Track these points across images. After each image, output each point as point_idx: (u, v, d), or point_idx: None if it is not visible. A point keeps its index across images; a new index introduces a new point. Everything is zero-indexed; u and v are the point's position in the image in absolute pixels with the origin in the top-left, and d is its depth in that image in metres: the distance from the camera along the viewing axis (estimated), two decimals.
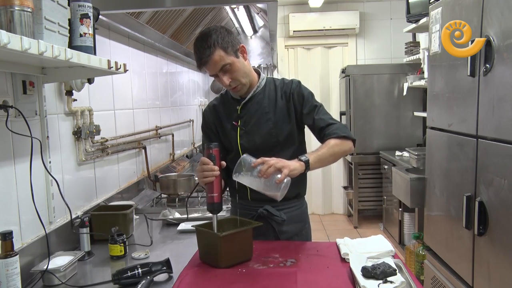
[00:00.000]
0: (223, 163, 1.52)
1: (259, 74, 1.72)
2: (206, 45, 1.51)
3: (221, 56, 1.53)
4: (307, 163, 1.51)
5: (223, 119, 1.71)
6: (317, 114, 1.65)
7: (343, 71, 4.84)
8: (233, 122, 1.68)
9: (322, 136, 1.64)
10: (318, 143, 1.65)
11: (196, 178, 2.56)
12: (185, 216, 2.13)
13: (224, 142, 1.71)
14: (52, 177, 1.57)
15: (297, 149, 1.69)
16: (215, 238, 1.44)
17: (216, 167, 1.48)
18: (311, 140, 1.79)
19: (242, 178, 1.47)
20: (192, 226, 1.49)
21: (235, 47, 1.57)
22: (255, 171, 1.43)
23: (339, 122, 1.68)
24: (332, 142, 1.58)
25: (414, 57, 4.18)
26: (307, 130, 1.73)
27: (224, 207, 1.91)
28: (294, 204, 1.72)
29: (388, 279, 1.26)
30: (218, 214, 1.51)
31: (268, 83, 1.72)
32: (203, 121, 1.78)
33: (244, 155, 1.49)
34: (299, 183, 1.69)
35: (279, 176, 1.42)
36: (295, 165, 1.47)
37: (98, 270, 1.56)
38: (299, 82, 1.73)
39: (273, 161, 1.43)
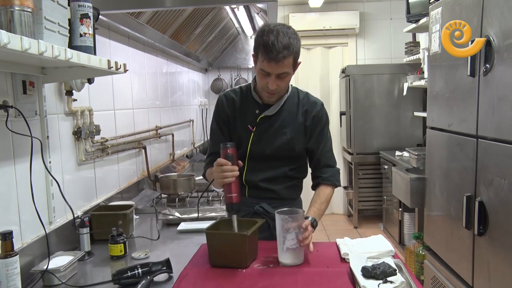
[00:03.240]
0: (240, 162, 1.52)
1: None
2: (285, 45, 1.48)
3: (289, 63, 1.52)
4: (315, 228, 1.57)
5: (238, 117, 1.69)
6: (324, 147, 1.71)
7: (343, 71, 4.84)
8: (249, 126, 1.66)
9: (317, 174, 1.73)
10: None
11: (197, 178, 2.58)
12: (185, 216, 2.14)
13: (233, 137, 1.70)
14: (53, 177, 1.57)
15: (301, 165, 1.75)
16: (240, 238, 1.43)
17: (236, 167, 1.48)
18: None
19: (279, 221, 1.45)
20: (205, 230, 1.49)
21: (298, 61, 1.58)
22: (294, 231, 1.43)
23: (335, 163, 1.76)
24: (329, 194, 1.70)
25: (414, 57, 4.18)
26: None
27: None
28: (290, 203, 1.73)
29: (388, 279, 1.26)
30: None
31: (292, 94, 1.70)
32: (217, 109, 1.75)
33: (302, 213, 1.51)
34: (296, 188, 1.78)
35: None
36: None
37: (98, 270, 1.56)
38: (322, 105, 1.73)
39: (310, 231, 1.47)
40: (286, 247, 1.44)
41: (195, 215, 2.18)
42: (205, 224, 1.67)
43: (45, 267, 1.37)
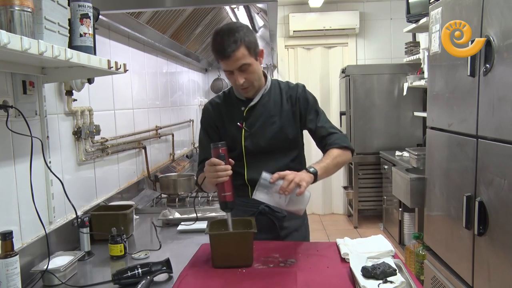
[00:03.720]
0: (232, 161, 1.52)
1: (265, 77, 1.73)
2: (232, 40, 1.51)
3: (244, 54, 1.54)
4: (315, 174, 1.52)
5: (226, 119, 1.72)
6: (320, 121, 1.71)
7: (343, 71, 4.84)
8: (238, 123, 1.68)
9: (323, 145, 1.70)
10: (318, 148, 1.73)
11: (195, 178, 2.58)
12: (185, 216, 2.14)
13: (225, 141, 1.70)
14: (56, 176, 1.56)
15: (299, 154, 1.75)
16: (247, 235, 1.45)
17: (229, 166, 1.48)
18: (311, 145, 1.81)
19: (262, 197, 1.45)
20: (206, 233, 1.48)
21: (256, 49, 1.59)
22: (275, 188, 1.42)
23: (340, 131, 1.74)
24: (335, 152, 1.65)
25: (414, 57, 4.18)
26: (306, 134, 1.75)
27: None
28: None
29: (388, 279, 1.26)
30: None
31: (273, 86, 1.73)
32: (203, 117, 1.78)
33: (263, 173, 1.46)
34: None
35: (298, 189, 1.41)
36: (307, 177, 1.48)
37: (98, 270, 1.56)
38: (304, 86, 1.76)
39: (291, 175, 1.43)
40: (285, 206, 1.46)
41: (195, 215, 2.18)
42: (205, 224, 1.67)
43: (45, 267, 1.37)
